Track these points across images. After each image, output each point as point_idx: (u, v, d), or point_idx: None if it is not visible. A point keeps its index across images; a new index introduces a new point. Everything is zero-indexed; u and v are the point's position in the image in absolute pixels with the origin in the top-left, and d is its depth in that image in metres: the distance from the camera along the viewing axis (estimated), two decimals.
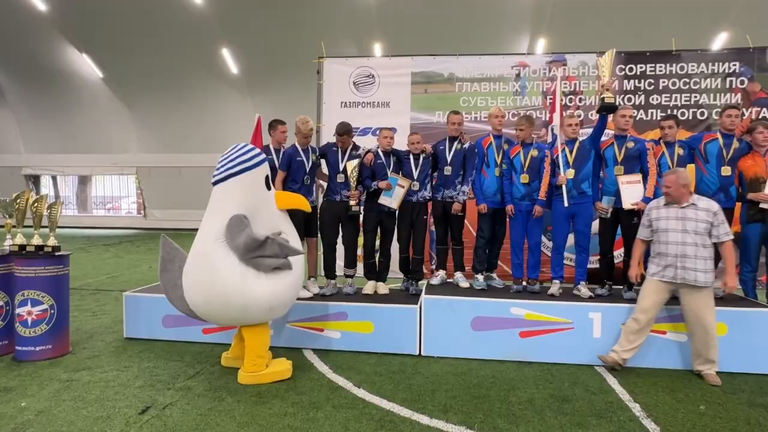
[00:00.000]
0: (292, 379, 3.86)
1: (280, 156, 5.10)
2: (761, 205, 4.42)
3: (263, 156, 3.97)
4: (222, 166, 3.79)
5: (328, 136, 5.93)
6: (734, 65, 6.31)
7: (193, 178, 20.21)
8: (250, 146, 3.96)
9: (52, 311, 4.39)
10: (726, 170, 4.63)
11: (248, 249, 3.60)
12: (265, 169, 3.95)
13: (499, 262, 5.53)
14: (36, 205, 4.55)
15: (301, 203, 4.32)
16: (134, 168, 22.58)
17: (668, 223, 3.99)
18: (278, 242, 3.70)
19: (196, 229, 3.84)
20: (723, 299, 4.62)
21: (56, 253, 4.45)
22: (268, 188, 3.99)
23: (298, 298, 4.93)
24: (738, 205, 4.73)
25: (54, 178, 24.89)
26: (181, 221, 20.21)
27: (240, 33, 18.51)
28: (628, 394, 3.67)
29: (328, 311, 4.74)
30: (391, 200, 5.06)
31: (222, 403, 3.40)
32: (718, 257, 4.23)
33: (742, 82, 6.27)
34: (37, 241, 4.42)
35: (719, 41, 16.71)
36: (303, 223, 5.20)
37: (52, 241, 4.47)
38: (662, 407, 3.43)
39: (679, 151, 4.71)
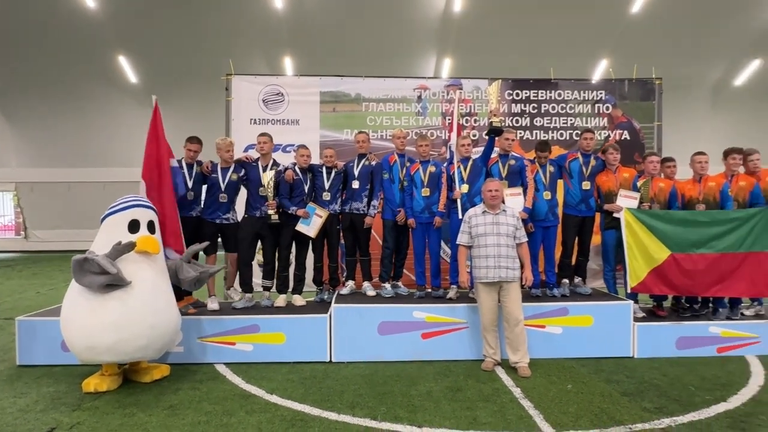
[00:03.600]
0: (205, 392, 3.96)
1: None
2: (614, 215, 5.24)
3: (129, 204, 4.24)
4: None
5: (238, 152, 6.03)
6: (601, 93, 7.33)
7: (83, 195, 18.79)
8: (124, 197, 4.32)
9: None
10: (586, 185, 5.44)
11: (74, 271, 3.84)
12: (130, 215, 4.18)
13: (405, 271, 5.95)
14: None
15: (147, 246, 4.13)
16: (13, 184, 20.42)
17: (486, 228, 4.55)
18: (96, 261, 3.78)
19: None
20: (591, 296, 5.41)
21: None
22: (133, 232, 4.15)
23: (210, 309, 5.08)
24: (597, 214, 5.56)
25: None
26: (70, 242, 18.49)
27: (139, 41, 17.68)
28: (512, 381, 4.22)
29: (240, 325, 4.85)
30: (309, 228, 5.30)
31: (133, 419, 3.43)
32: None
33: (607, 108, 7.30)
34: None
35: (600, 68, 18.93)
36: (214, 237, 5.33)
37: None
38: (538, 389, 4.01)
39: (550, 168, 5.47)
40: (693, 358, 4.88)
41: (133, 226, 4.15)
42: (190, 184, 5.28)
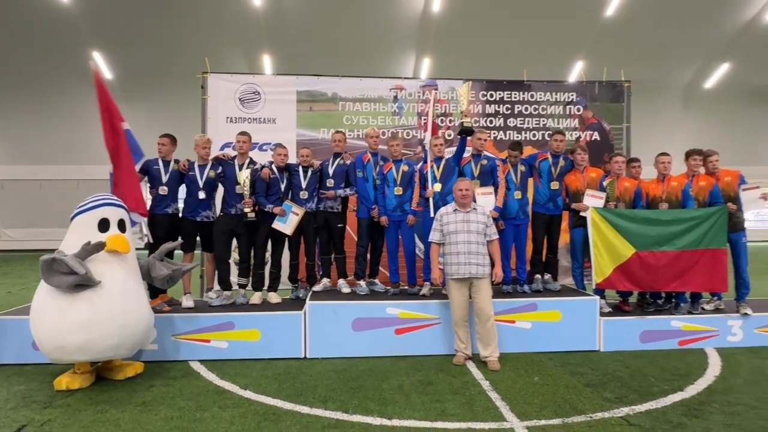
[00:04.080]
0: (178, 388, 3.99)
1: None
2: (581, 213, 5.41)
3: (99, 202, 4.22)
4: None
5: (214, 150, 6.05)
6: (572, 95, 7.49)
7: (56, 193, 18.38)
8: (94, 196, 4.30)
9: None
10: (554, 185, 5.61)
11: (42, 271, 3.81)
12: (99, 213, 4.17)
13: (381, 269, 6.03)
14: None
15: (117, 245, 4.12)
16: None
17: (456, 225, 4.68)
18: (65, 261, 3.76)
19: None
20: (559, 292, 5.58)
21: None
22: (103, 230, 4.13)
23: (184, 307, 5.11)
24: (566, 213, 5.74)
25: None
26: (42, 241, 18.07)
27: (113, 37, 17.39)
28: (481, 374, 4.35)
29: (214, 322, 4.88)
30: (285, 226, 5.36)
31: (105, 415, 3.45)
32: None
33: (578, 110, 7.48)
34: None
35: (576, 70, 19.31)
36: (194, 235, 5.37)
37: None
38: (506, 381, 4.15)
39: (521, 168, 5.62)
40: (655, 351, 5.08)
41: (103, 225, 4.14)
42: (164, 179, 5.31)
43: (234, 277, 5.67)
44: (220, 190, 5.61)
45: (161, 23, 16.98)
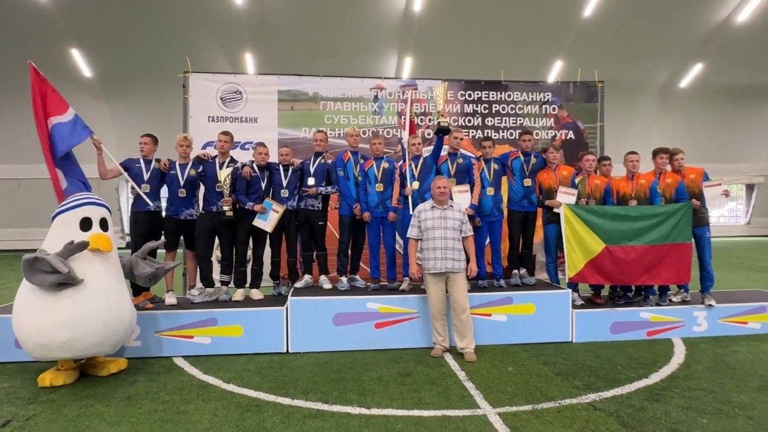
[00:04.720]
0: (162, 383, 4.07)
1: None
2: (554, 210, 5.61)
3: (81, 201, 4.28)
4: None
5: (196, 149, 6.11)
6: (548, 95, 7.70)
7: (35, 192, 18.12)
8: (75, 195, 4.39)
9: None
10: (527, 182, 5.81)
11: (24, 270, 3.85)
12: (81, 212, 4.22)
13: (362, 265, 6.16)
14: None
15: (100, 244, 4.17)
16: None
17: (434, 222, 4.83)
18: (47, 260, 3.79)
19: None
20: (534, 286, 5.77)
21: None
22: (85, 230, 4.18)
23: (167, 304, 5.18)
24: (540, 210, 5.93)
25: None
26: (22, 241, 17.91)
27: (94, 35, 17.21)
28: (458, 365, 4.51)
29: (197, 318, 4.96)
30: (266, 223, 5.46)
31: (90, 409, 3.52)
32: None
33: (554, 109, 7.69)
34: None
35: (556, 69, 19.66)
36: (177, 233, 5.44)
37: None
38: (481, 372, 4.31)
39: (494, 166, 5.79)
40: (625, 341, 5.30)
41: (86, 224, 4.19)
42: (146, 177, 5.38)
43: (216, 275, 5.76)
44: (202, 189, 5.68)
45: (142, 21, 16.84)
